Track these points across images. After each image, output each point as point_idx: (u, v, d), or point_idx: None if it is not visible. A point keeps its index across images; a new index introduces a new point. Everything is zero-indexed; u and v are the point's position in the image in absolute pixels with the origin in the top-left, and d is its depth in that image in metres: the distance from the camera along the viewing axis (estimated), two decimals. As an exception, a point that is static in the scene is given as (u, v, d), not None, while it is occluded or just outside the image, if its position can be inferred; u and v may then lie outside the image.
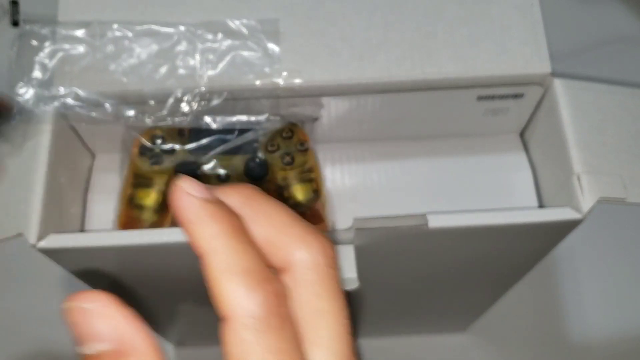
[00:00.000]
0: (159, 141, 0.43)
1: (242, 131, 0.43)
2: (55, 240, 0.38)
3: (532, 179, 0.47)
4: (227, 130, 0.43)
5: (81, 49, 0.42)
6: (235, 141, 0.42)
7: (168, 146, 0.42)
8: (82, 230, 0.46)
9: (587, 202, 0.39)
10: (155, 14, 0.43)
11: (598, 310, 0.75)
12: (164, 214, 0.43)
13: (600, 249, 0.78)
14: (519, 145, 0.48)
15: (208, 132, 0.43)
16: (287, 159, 0.43)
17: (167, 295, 0.50)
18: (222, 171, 0.42)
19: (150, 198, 0.42)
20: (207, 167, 0.42)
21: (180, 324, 0.63)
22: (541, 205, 0.46)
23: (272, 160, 0.43)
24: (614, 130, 0.42)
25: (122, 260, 0.41)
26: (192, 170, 0.41)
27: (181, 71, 0.42)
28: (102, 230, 0.45)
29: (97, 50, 0.42)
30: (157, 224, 0.43)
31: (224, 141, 0.43)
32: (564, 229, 0.41)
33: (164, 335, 0.69)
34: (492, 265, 0.48)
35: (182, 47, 0.42)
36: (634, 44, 0.88)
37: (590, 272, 0.77)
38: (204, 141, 0.43)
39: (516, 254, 0.45)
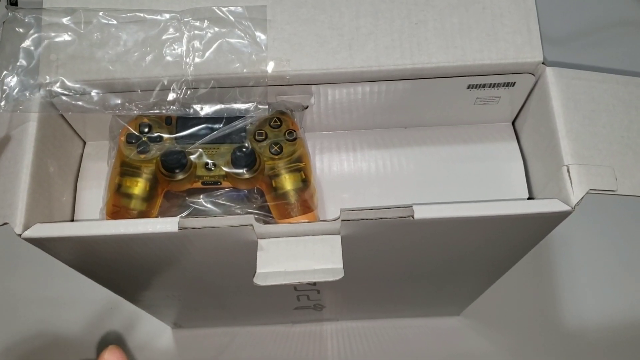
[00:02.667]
0: (146, 130, 0.42)
1: (230, 120, 0.43)
2: (41, 230, 0.38)
3: (523, 169, 0.46)
4: (215, 119, 0.42)
5: (67, 36, 0.41)
6: (222, 130, 0.42)
7: (155, 135, 0.42)
8: (72, 218, 0.46)
9: (576, 194, 0.39)
10: (141, 1, 0.42)
11: (591, 295, 0.75)
12: (151, 202, 0.43)
13: (593, 235, 0.77)
14: (511, 134, 0.48)
15: (195, 120, 0.43)
16: (275, 148, 0.43)
17: (157, 281, 0.50)
18: (209, 160, 0.42)
19: (137, 187, 0.42)
20: (193, 156, 0.42)
21: (175, 307, 0.64)
22: (531, 196, 0.45)
23: (260, 149, 0.43)
24: (606, 120, 0.41)
25: (109, 249, 0.41)
26: (177, 159, 0.41)
27: (168, 59, 0.42)
28: (89, 220, 0.45)
29: (83, 38, 0.41)
30: (145, 213, 0.42)
31: (212, 130, 0.42)
32: (552, 220, 0.41)
33: (161, 317, 0.69)
34: (481, 255, 0.47)
35: (169, 34, 0.42)
36: (635, 28, 0.86)
37: (583, 257, 0.77)
38: (191, 130, 0.42)
39: (505, 244, 0.45)
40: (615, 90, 0.42)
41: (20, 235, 0.38)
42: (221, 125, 0.42)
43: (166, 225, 0.38)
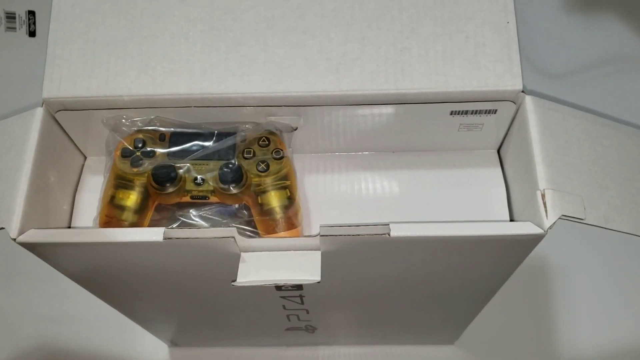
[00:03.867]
0: (140, 145, 0.44)
1: (220, 137, 0.45)
2: (35, 235, 0.40)
3: (505, 194, 0.47)
4: (206, 137, 0.45)
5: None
6: (212, 147, 0.44)
7: (148, 149, 0.44)
8: (69, 227, 0.48)
9: (550, 218, 0.40)
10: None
11: (587, 325, 0.74)
12: (142, 214, 0.44)
13: (589, 265, 0.77)
14: (495, 161, 0.49)
15: (188, 137, 0.45)
16: (262, 166, 0.44)
17: (147, 292, 0.51)
18: (197, 175, 0.44)
19: (130, 199, 0.44)
20: (182, 170, 0.44)
21: (169, 323, 0.65)
22: (512, 220, 0.46)
23: (248, 166, 0.44)
24: (576, 152, 0.43)
25: (100, 257, 0.43)
26: (167, 173, 0.43)
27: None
28: (82, 227, 0.46)
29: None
30: (136, 224, 0.44)
31: (202, 147, 0.44)
32: (527, 243, 0.41)
33: (158, 334, 0.71)
34: (461, 277, 0.48)
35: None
36: (612, 67, 0.89)
37: (579, 288, 0.76)
38: (183, 146, 0.44)
39: (482, 266, 0.46)
40: (585, 127, 0.44)
41: (14, 239, 0.40)
42: (211, 142, 0.44)
43: (152, 235, 0.40)
